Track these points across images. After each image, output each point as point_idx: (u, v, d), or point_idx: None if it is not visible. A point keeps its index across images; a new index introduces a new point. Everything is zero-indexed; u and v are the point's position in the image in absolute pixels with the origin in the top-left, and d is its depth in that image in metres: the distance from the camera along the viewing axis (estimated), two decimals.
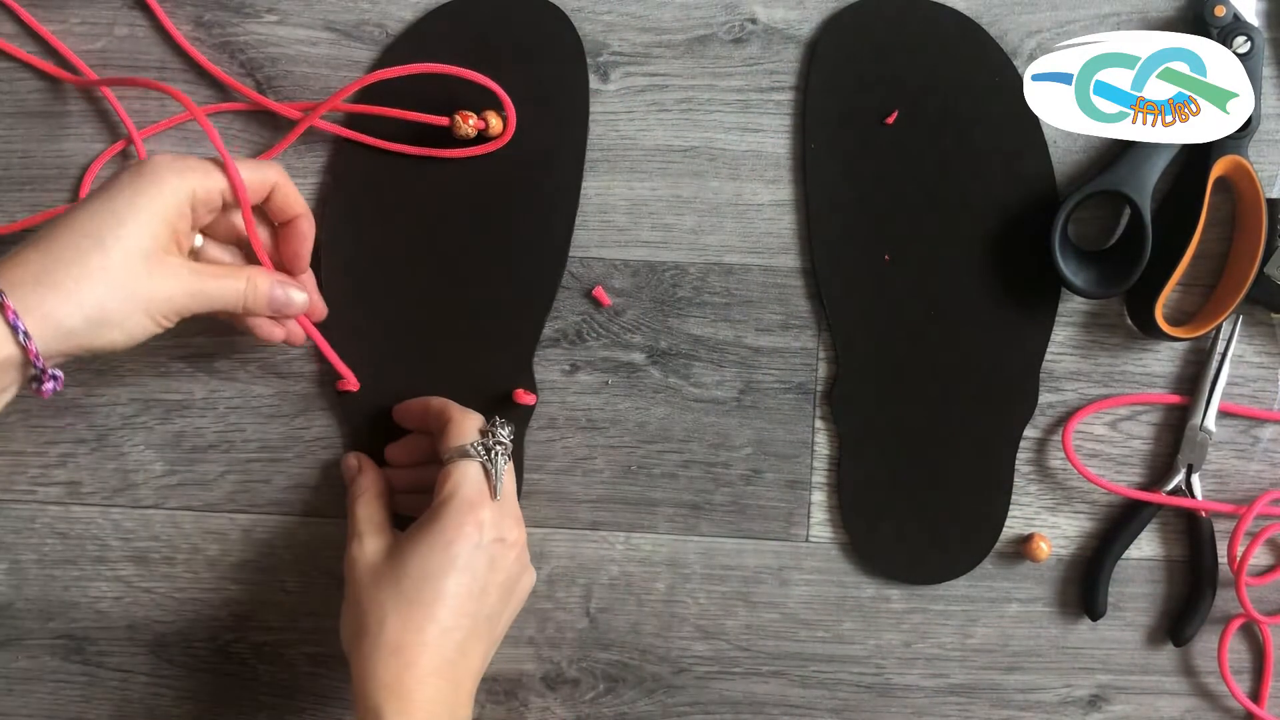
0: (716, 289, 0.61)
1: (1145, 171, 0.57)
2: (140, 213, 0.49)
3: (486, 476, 0.54)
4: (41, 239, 0.48)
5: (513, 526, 0.55)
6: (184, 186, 0.50)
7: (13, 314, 0.46)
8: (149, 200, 0.49)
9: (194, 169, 0.51)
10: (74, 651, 0.64)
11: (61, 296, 0.47)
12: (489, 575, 0.53)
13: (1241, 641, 0.62)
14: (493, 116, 0.59)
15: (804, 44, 0.61)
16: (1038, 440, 0.62)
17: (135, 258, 0.49)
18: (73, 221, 0.48)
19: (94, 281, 0.48)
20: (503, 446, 0.55)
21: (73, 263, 0.47)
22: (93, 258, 0.47)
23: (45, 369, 0.47)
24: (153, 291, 0.49)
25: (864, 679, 0.63)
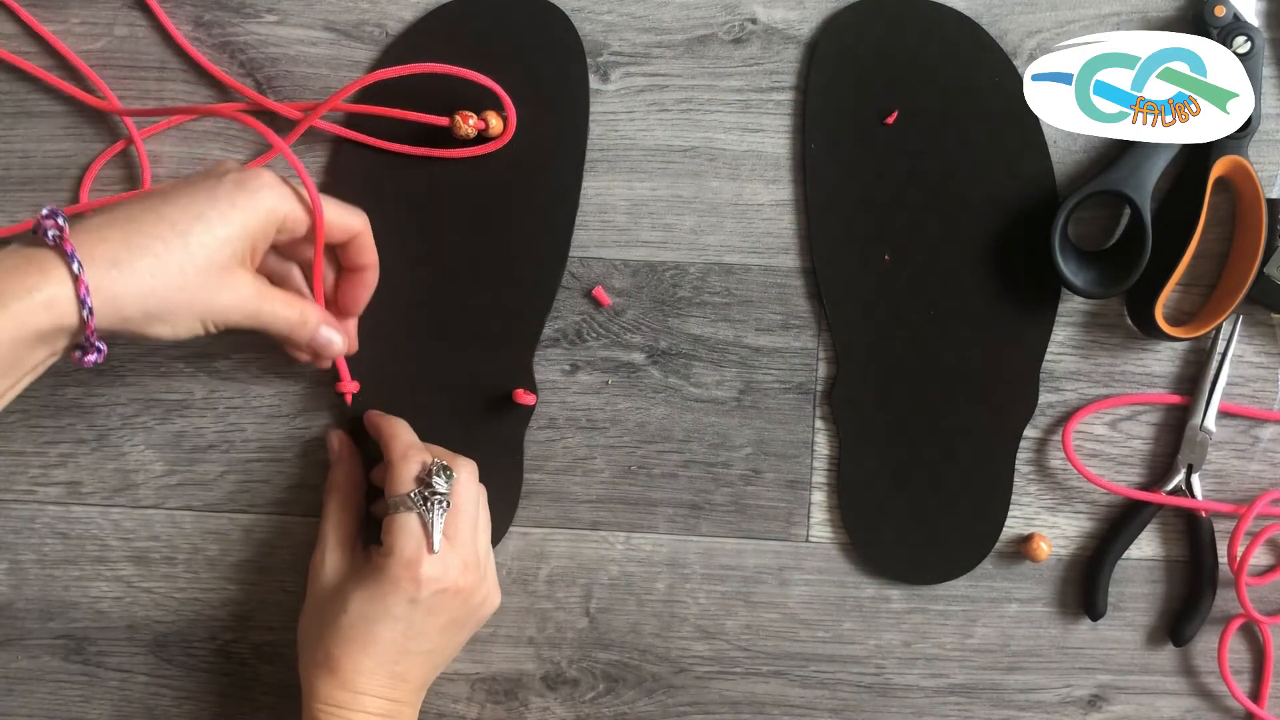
0: (716, 289, 0.61)
1: (1145, 171, 0.57)
2: (232, 225, 0.49)
3: (424, 528, 0.54)
4: (127, 217, 0.47)
5: (460, 573, 0.54)
6: (280, 210, 0.51)
7: (85, 290, 0.45)
8: (243, 214, 0.49)
9: (292, 195, 0.52)
10: (74, 651, 0.64)
11: (131, 284, 0.46)
12: (426, 621, 0.54)
13: (1241, 641, 0.62)
14: (493, 116, 0.59)
15: (804, 44, 0.61)
16: (1038, 440, 0.62)
17: (212, 266, 0.49)
18: (164, 210, 0.48)
19: (167, 278, 0.47)
20: (440, 497, 0.54)
21: (153, 254, 0.47)
22: (173, 254, 0.47)
23: (95, 343, 0.47)
24: (214, 301, 0.49)
25: (864, 679, 0.63)
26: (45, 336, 0.46)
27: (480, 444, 0.61)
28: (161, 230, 0.47)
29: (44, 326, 0.45)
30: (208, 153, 0.62)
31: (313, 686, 0.54)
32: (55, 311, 0.45)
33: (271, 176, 0.51)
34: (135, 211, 0.48)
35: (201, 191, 0.49)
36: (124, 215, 0.48)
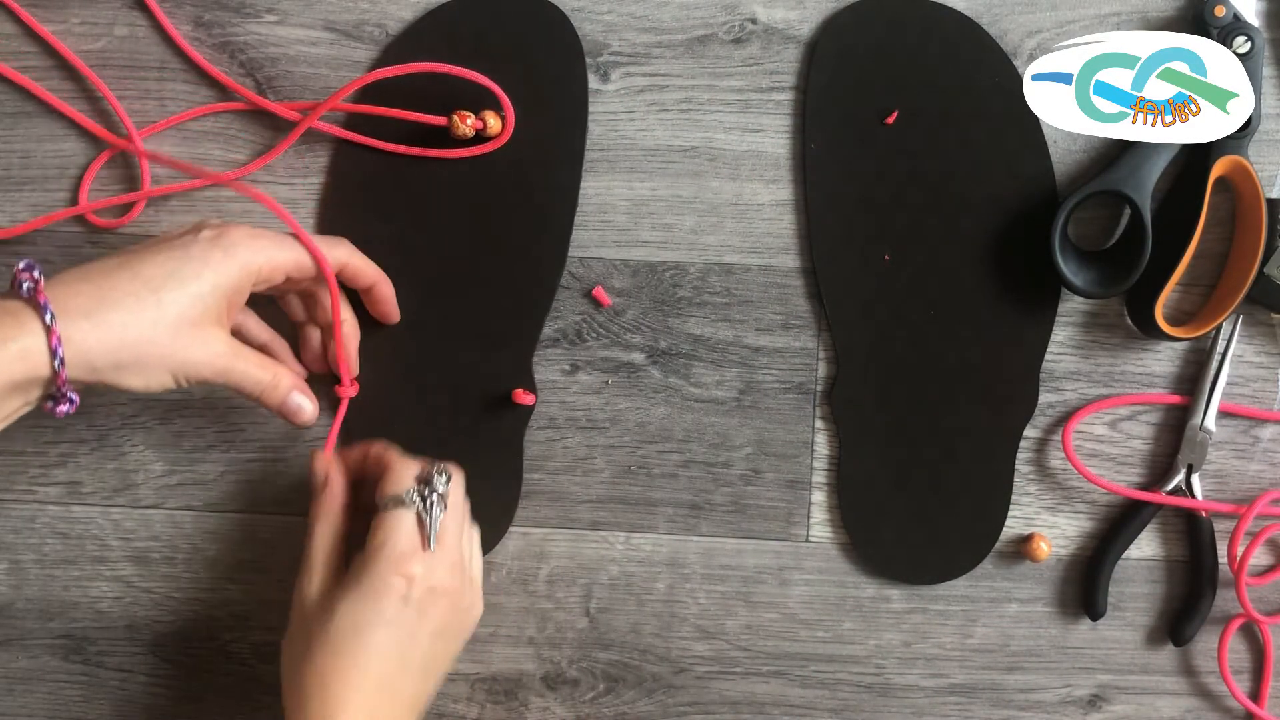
0: (716, 289, 0.61)
1: (1145, 171, 0.57)
2: (204, 282, 0.50)
3: (420, 526, 0.53)
4: (102, 272, 0.49)
5: (447, 574, 0.53)
6: (254, 264, 0.51)
7: (57, 341, 0.46)
8: (215, 272, 0.50)
9: (268, 248, 0.52)
10: (74, 651, 0.64)
11: (103, 336, 0.47)
12: (418, 625, 0.53)
13: (1241, 641, 0.62)
14: (491, 116, 0.59)
15: (804, 44, 0.61)
16: (1038, 440, 0.62)
17: (184, 322, 0.49)
18: (138, 267, 0.49)
19: (139, 333, 0.48)
20: (440, 496, 0.54)
21: (125, 309, 0.48)
22: (146, 310, 0.48)
23: (66, 393, 0.48)
24: (187, 357, 0.50)
25: (864, 679, 0.63)
26: (19, 386, 0.47)
27: (480, 444, 0.61)
28: (135, 286, 0.48)
29: (17, 377, 0.46)
30: (207, 153, 0.62)
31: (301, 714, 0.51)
32: (29, 362, 0.46)
33: (245, 232, 0.51)
34: (110, 267, 0.49)
35: (176, 249, 0.50)
36: (99, 270, 0.49)
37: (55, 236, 0.62)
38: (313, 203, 0.62)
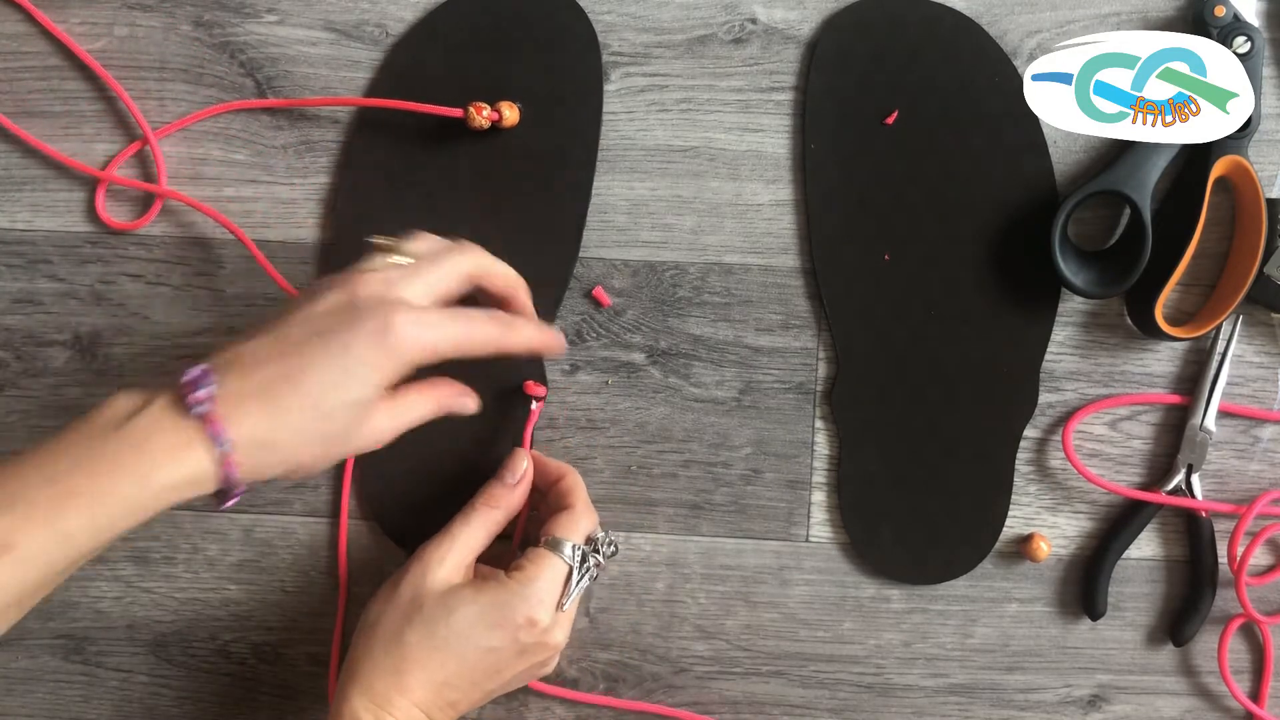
0: (716, 289, 0.61)
1: (1145, 171, 0.57)
2: (368, 388, 0.48)
3: (565, 584, 0.55)
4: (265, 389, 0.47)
5: (560, 636, 0.55)
6: (416, 360, 0.49)
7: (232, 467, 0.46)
8: (380, 375, 0.48)
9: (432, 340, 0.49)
10: (74, 651, 0.64)
11: (274, 458, 0.47)
12: (513, 662, 0.54)
13: (1241, 641, 0.62)
14: (507, 107, 0.59)
15: (804, 44, 0.61)
16: (1038, 440, 0.62)
17: (351, 425, 0.49)
18: (301, 380, 0.47)
19: (308, 449, 0.48)
20: (597, 567, 0.56)
21: (294, 430, 0.47)
22: (312, 427, 0.47)
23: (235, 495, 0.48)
24: (354, 445, 0.50)
25: (864, 679, 0.63)
26: (188, 496, 0.47)
27: (490, 436, 0.61)
28: (300, 403, 0.47)
29: (185, 496, 0.46)
30: (207, 153, 0.62)
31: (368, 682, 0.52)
32: (198, 484, 0.46)
33: (410, 324, 0.48)
34: (274, 378, 0.47)
35: (336, 350, 0.48)
36: (262, 384, 0.47)
37: (55, 236, 0.62)
38: (313, 203, 0.62)
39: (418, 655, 0.53)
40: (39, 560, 0.44)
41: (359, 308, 0.48)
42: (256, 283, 0.62)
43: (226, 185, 0.62)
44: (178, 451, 0.45)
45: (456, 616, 0.53)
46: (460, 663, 0.53)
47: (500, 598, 0.53)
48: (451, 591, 0.54)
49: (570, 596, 0.55)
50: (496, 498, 0.57)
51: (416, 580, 0.54)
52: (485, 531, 0.57)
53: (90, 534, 0.45)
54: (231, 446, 0.46)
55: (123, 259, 0.62)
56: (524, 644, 0.54)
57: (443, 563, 0.55)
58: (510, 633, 0.53)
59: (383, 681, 0.52)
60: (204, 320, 0.62)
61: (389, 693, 0.52)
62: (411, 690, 0.52)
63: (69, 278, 0.62)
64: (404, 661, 0.52)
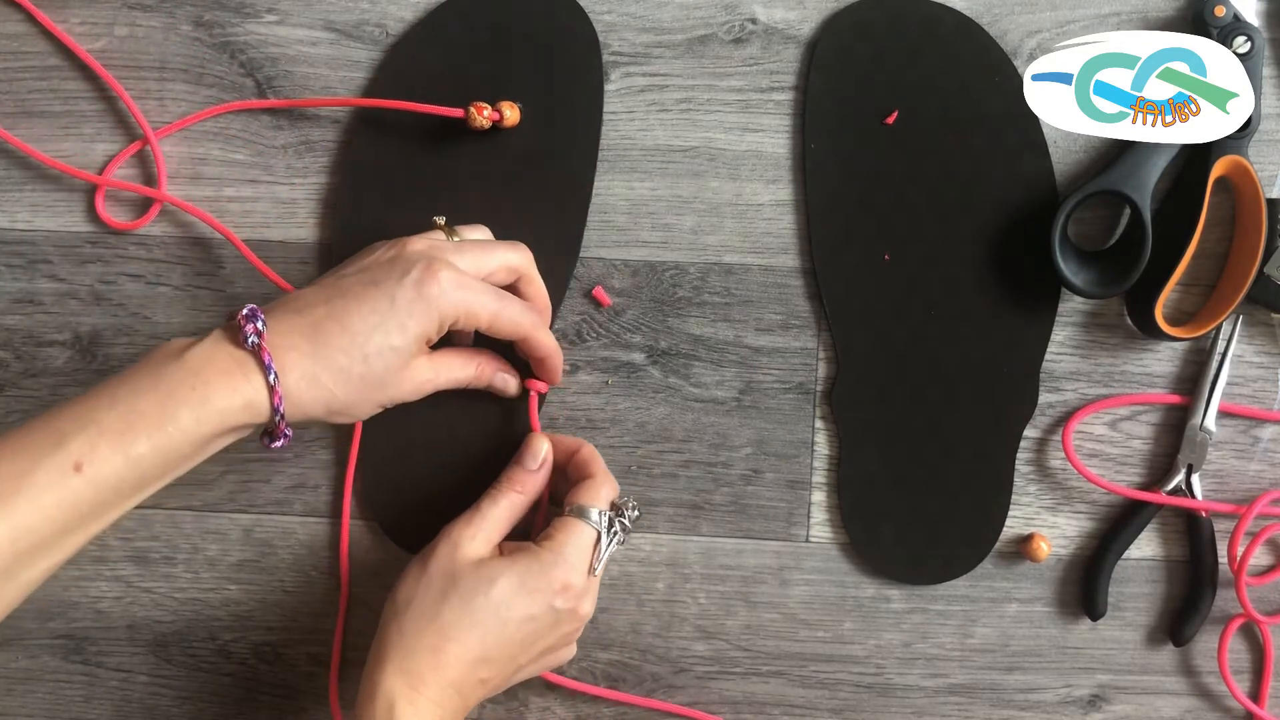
0: (716, 289, 0.61)
1: (1145, 171, 0.57)
2: (408, 334, 0.51)
3: (594, 548, 0.55)
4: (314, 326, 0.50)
5: (590, 603, 0.56)
6: (453, 317, 0.52)
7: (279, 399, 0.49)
8: (418, 324, 0.51)
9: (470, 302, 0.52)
10: (74, 651, 0.64)
11: (318, 394, 0.50)
12: (548, 633, 0.55)
13: (1241, 641, 0.62)
14: (508, 107, 0.59)
15: (804, 44, 0.61)
16: (1038, 440, 0.62)
17: (390, 371, 0.52)
18: (347, 321, 0.50)
19: (348, 388, 0.51)
20: (624, 531, 0.56)
21: (337, 367, 0.50)
22: (355, 367, 0.51)
23: (283, 431, 0.51)
24: (394, 394, 0.53)
25: (864, 679, 0.63)
26: (239, 429, 0.50)
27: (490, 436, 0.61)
28: (344, 343, 0.50)
29: (241, 422, 0.49)
30: (207, 153, 0.62)
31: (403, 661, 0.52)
32: (252, 411, 0.49)
33: (451, 280, 0.52)
34: (321, 317, 0.51)
35: (383, 298, 0.51)
36: (311, 322, 0.50)
37: (55, 236, 0.62)
38: (313, 203, 0.62)
39: (456, 631, 0.52)
40: (109, 481, 0.46)
41: (407, 259, 0.52)
42: (256, 283, 0.62)
43: (226, 185, 0.62)
44: (232, 378, 0.49)
45: (496, 587, 0.53)
46: (500, 635, 0.53)
47: (535, 566, 0.54)
48: (486, 563, 0.54)
49: (601, 560, 0.55)
50: (520, 481, 0.57)
51: (448, 557, 0.54)
52: (511, 513, 0.57)
53: (156, 460, 0.47)
54: (278, 379, 0.49)
55: (123, 259, 0.62)
56: (559, 611, 0.54)
57: (474, 539, 0.55)
58: (547, 599, 0.53)
59: (418, 662, 0.52)
60: (204, 320, 0.62)
61: (423, 671, 0.52)
62: (447, 667, 0.52)
63: (69, 278, 0.62)
64: (442, 638, 0.52)
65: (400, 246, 0.53)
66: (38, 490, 0.45)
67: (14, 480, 0.45)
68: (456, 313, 0.52)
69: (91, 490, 0.46)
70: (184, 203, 0.61)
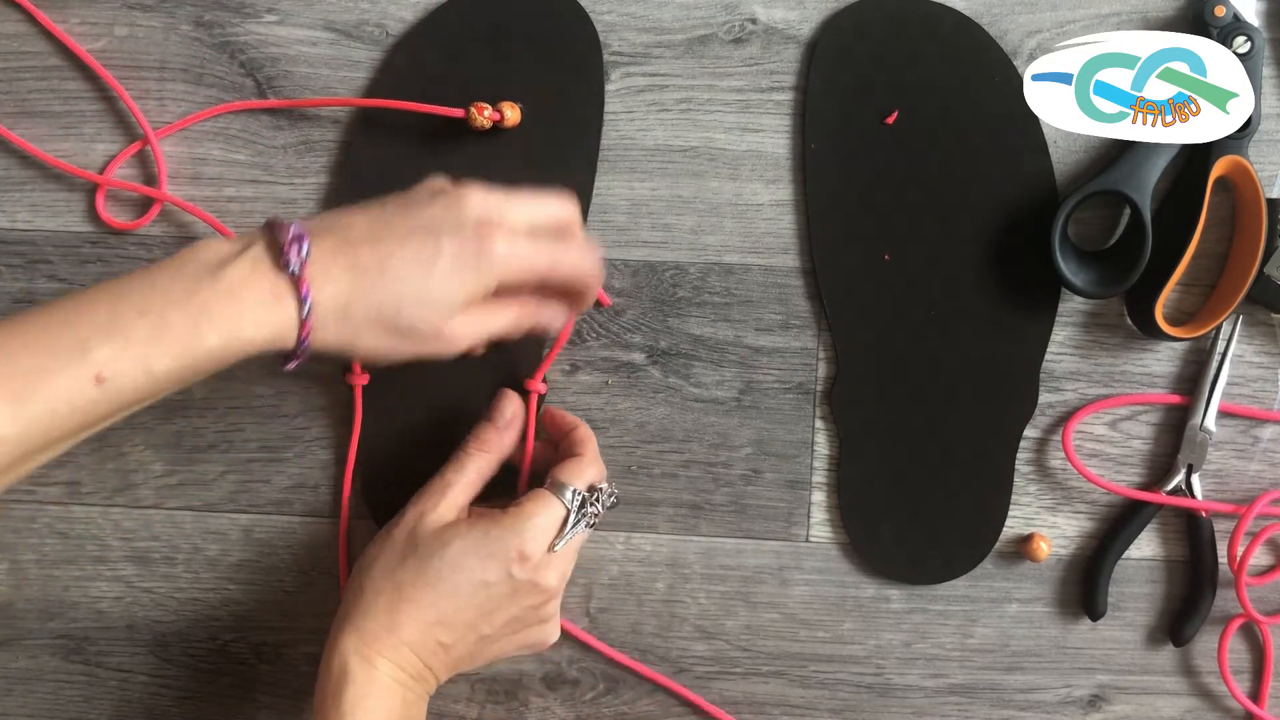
0: (716, 289, 0.61)
1: (1145, 171, 0.57)
2: (453, 293, 0.49)
3: (560, 529, 0.54)
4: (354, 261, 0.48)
5: (554, 579, 0.55)
6: (510, 274, 0.50)
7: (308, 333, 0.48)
8: (468, 285, 0.49)
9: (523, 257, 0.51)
10: (74, 651, 0.64)
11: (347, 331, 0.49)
12: (507, 603, 0.54)
13: (1241, 641, 0.62)
14: (508, 108, 0.59)
15: (804, 44, 0.61)
16: (1038, 440, 0.62)
17: (428, 322, 0.50)
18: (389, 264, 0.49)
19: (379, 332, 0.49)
20: (594, 515, 0.56)
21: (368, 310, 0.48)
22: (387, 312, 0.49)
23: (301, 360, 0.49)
24: (427, 346, 0.51)
25: (864, 679, 0.63)
26: (262, 350, 0.48)
27: None
28: (381, 284, 0.48)
29: (266, 349, 0.48)
30: (208, 153, 0.62)
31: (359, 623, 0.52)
32: (279, 340, 0.48)
33: (505, 243, 0.50)
34: (366, 254, 0.48)
35: (430, 248, 0.49)
36: (353, 254, 0.48)
37: (55, 236, 0.62)
38: (313, 203, 0.62)
39: (410, 592, 0.53)
40: (126, 394, 0.45)
41: (465, 218, 0.50)
42: None
43: (227, 185, 0.62)
44: (268, 305, 0.47)
45: (451, 549, 0.53)
46: (453, 598, 0.53)
47: (494, 531, 0.53)
48: (447, 528, 0.54)
49: (564, 539, 0.54)
50: (487, 442, 0.57)
51: (412, 522, 0.55)
52: (478, 474, 0.57)
53: (175, 377, 0.46)
54: (311, 311, 0.47)
55: (123, 259, 0.62)
56: (517, 581, 0.53)
57: (438, 506, 0.55)
58: (503, 565, 0.53)
59: (374, 621, 0.52)
60: None
61: (379, 632, 0.52)
62: (402, 628, 0.52)
63: (69, 278, 0.62)
64: (397, 599, 0.53)
65: (458, 199, 0.50)
66: (55, 393, 0.44)
67: (34, 378, 0.44)
68: (507, 275, 0.50)
69: (107, 401, 0.45)
70: (184, 203, 0.61)
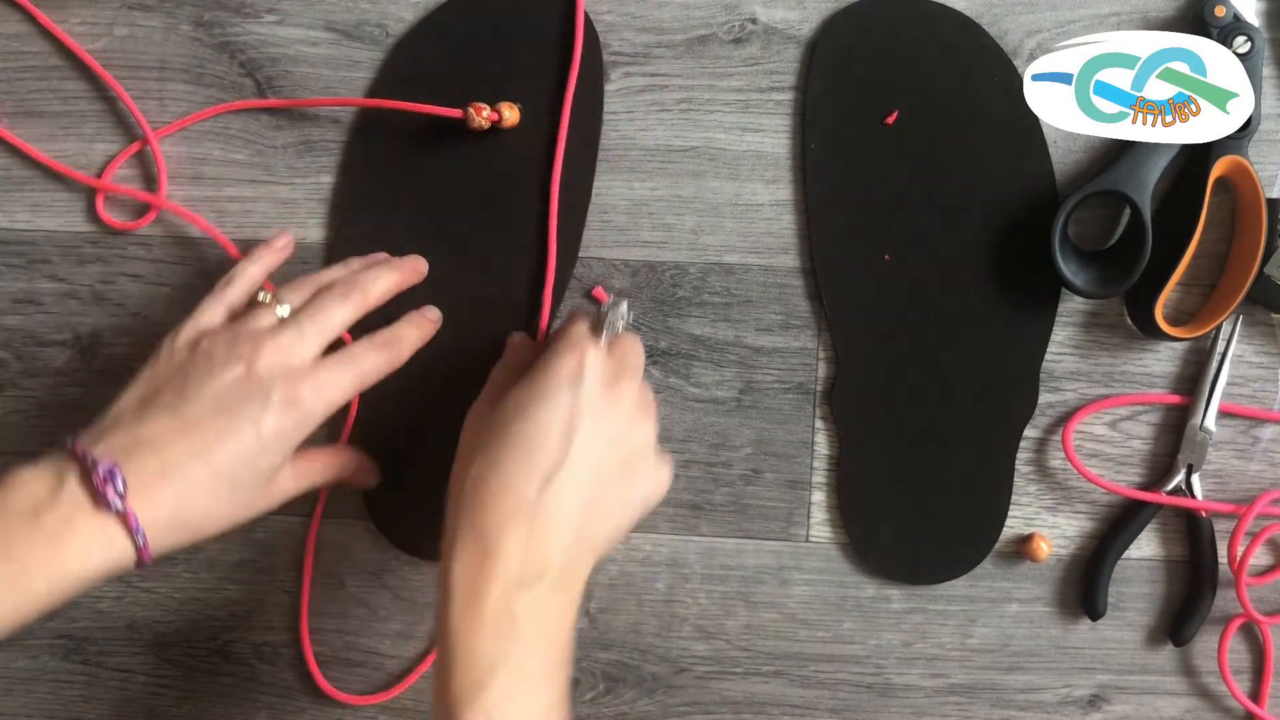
0: (716, 289, 0.61)
1: (1145, 171, 0.57)
2: (278, 454, 0.51)
3: (595, 326, 0.51)
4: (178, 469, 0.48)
5: (631, 381, 0.50)
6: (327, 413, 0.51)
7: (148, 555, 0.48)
8: (291, 441, 0.51)
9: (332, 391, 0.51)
10: (74, 651, 0.64)
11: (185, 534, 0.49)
12: (593, 418, 0.48)
13: (1241, 641, 0.62)
14: (506, 108, 0.59)
15: (804, 44, 0.61)
16: (1038, 440, 0.62)
17: (259, 491, 0.51)
18: (211, 459, 0.49)
19: (216, 518, 0.50)
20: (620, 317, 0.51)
21: (204, 507, 0.49)
22: (224, 500, 0.50)
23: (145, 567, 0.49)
24: (258, 509, 0.52)
25: (864, 679, 0.63)
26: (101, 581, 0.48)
27: None
28: (210, 481, 0.49)
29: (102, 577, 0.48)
30: (208, 153, 0.62)
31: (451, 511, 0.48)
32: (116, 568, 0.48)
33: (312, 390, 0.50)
34: (183, 458, 0.48)
35: (248, 432, 0.49)
36: (174, 465, 0.48)
37: (55, 236, 0.62)
38: (313, 203, 0.62)
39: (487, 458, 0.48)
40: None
41: (262, 381, 0.50)
42: None
43: (226, 185, 0.62)
44: (98, 543, 0.47)
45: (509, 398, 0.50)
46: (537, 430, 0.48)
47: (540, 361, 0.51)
48: None
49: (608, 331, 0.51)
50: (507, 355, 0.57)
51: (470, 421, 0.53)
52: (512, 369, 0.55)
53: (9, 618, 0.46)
54: (146, 541, 0.47)
55: (123, 259, 0.62)
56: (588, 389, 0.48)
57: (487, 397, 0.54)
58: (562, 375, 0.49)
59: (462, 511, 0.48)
60: None
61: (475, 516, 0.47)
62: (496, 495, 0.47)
63: (69, 278, 0.62)
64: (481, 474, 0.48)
65: (246, 362, 0.50)
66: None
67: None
68: (327, 412, 0.51)
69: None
70: (182, 209, 0.61)
